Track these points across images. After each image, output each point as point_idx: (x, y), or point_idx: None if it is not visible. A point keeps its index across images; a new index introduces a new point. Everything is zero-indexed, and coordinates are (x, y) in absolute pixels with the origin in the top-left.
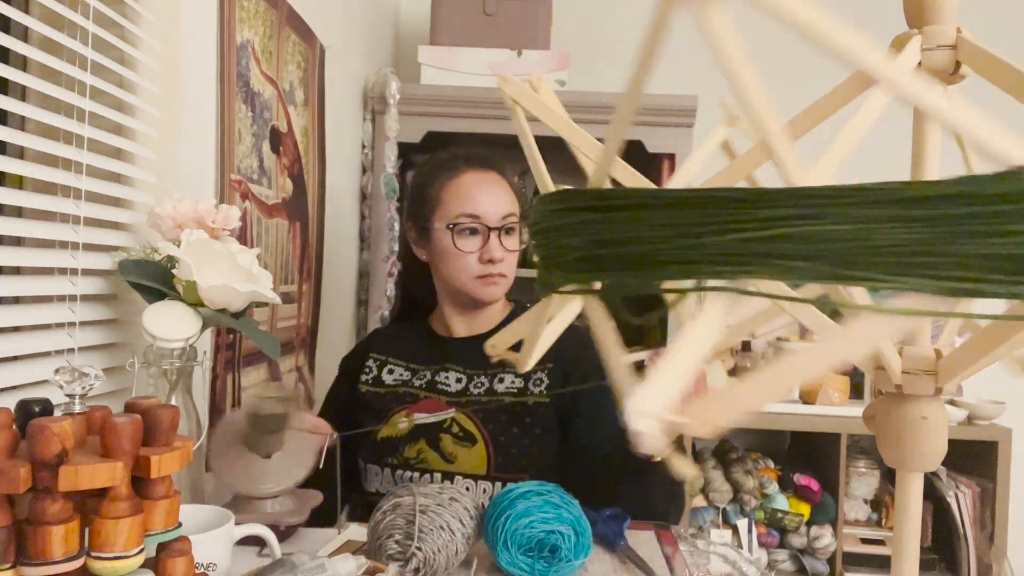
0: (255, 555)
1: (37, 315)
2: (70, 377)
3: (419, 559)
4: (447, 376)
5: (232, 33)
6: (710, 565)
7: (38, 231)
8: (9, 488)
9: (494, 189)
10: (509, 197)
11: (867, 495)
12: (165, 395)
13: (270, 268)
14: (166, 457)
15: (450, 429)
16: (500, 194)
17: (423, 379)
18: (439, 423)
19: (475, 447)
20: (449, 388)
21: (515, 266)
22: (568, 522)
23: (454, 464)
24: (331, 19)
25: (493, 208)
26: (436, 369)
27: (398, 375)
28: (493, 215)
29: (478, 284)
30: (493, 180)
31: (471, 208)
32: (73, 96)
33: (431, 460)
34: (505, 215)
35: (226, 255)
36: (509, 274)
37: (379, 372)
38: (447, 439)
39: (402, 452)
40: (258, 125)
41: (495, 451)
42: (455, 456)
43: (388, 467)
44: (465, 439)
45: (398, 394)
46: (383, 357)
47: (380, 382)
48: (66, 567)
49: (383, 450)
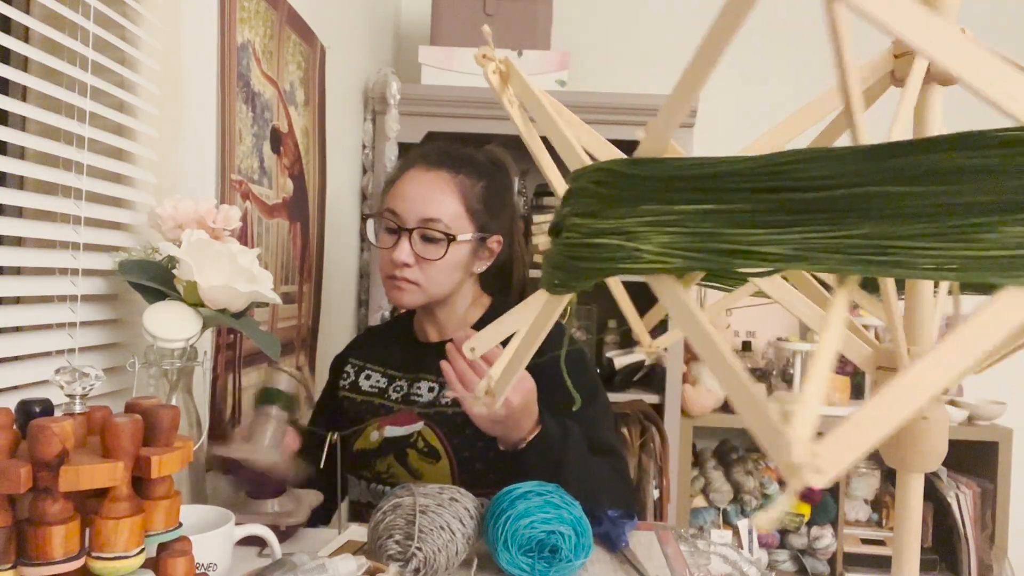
0: (255, 555)
1: (38, 315)
2: (71, 377)
3: (419, 559)
4: (420, 386)
5: (233, 33)
6: (711, 565)
7: (39, 231)
8: (10, 488)
9: (427, 189)
10: (445, 201)
11: (868, 495)
12: (165, 395)
13: (271, 268)
14: (167, 457)
15: (416, 444)
16: (432, 196)
17: (400, 391)
18: (406, 437)
19: (439, 463)
20: (421, 398)
21: (443, 277)
22: (568, 522)
23: (420, 480)
24: (332, 19)
25: (413, 208)
26: (412, 379)
27: (375, 381)
28: (411, 216)
29: (388, 285)
30: (431, 179)
31: (392, 203)
32: (74, 96)
33: (400, 475)
34: (426, 218)
35: (227, 255)
36: (424, 283)
37: (356, 377)
38: (413, 454)
39: (374, 466)
40: (259, 125)
41: (459, 467)
42: (421, 472)
43: (363, 479)
44: (429, 455)
45: (373, 404)
46: (361, 362)
47: (357, 387)
48: (67, 567)
49: (358, 462)
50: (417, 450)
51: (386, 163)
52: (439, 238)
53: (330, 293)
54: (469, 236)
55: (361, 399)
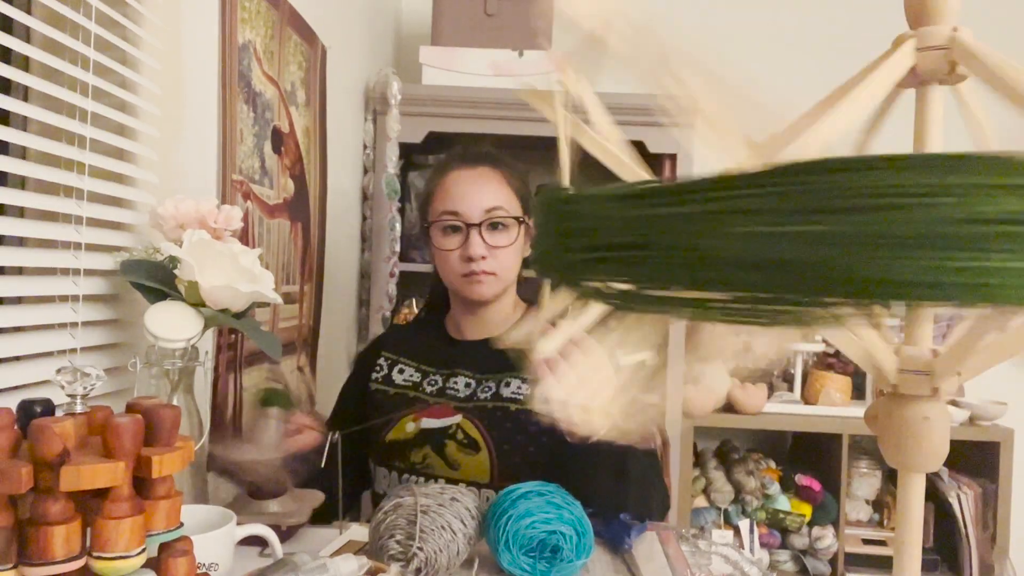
0: (257, 555)
1: (39, 315)
2: (72, 377)
3: (420, 559)
4: (456, 381)
5: (234, 33)
6: (712, 566)
7: (40, 231)
8: (11, 488)
9: (478, 183)
10: (498, 190)
11: (869, 495)
12: (167, 395)
13: (272, 268)
14: (168, 457)
15: (455, 435)
16: (486, 188)
17: (434, 385)
18: (445, 428)
19: (479, 455)
20: (458, 393)
21: (512, 262)
22: (569, 522)
23: (458, 471)
24: (332, 19)
25: (474, 203)
26: (447, 374)
27: (408, 375)
28: (474, 210)
29: (464, 283)
30: (479, 175)
31: (451, 205)
32: (75, 96)
33: (436, 466)
34: (489, 208)
35: (228, 255)
36: (499, 271)
37: (390, 371)
38: (452, 445)
39: (408, 456)
40: (260, 125)
41: (498, 459)
42: (459, 463)
43: (395, 470)
44: (469, 446)
45: (408, 397)
46: (394, 356)
47: (390, 381)
48: (68, 567)
49: (391, 453)
50: (456, 441)
51: (387, 163)
52: (508, 223)
53: (331, 293)
54: (525, 219)
55: (395, 392)
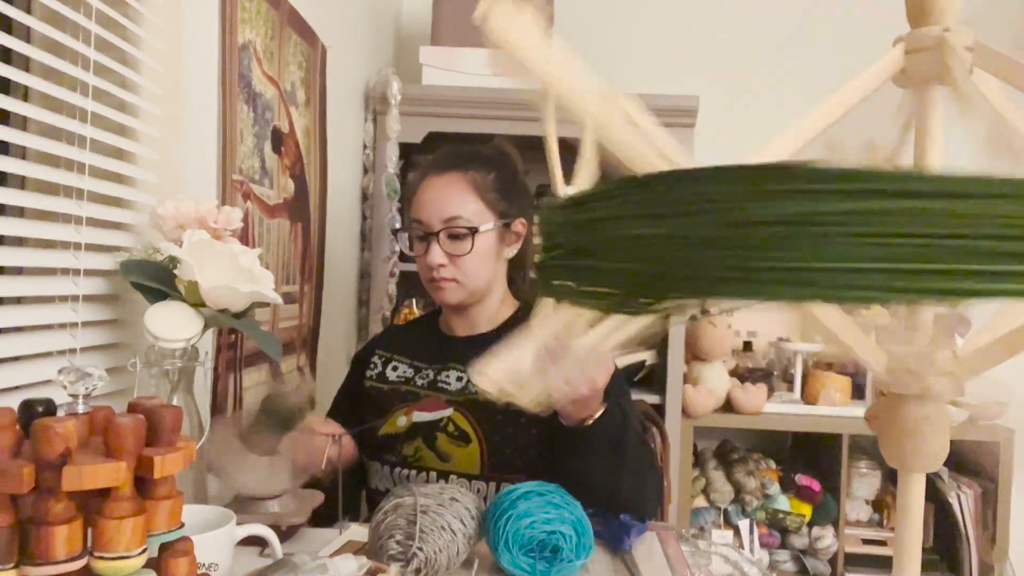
0: (257, 555)
1: (39, 315)
2: (74, 377)
3: (420, 559)
4: (448, 375)
5: (234, 34)
6: (711, 565)
7: (40, 231)
8: (13, 488)
9: (443, 192)
10: (462, 198)
11: (869, 496)
12: (167, 395)
13: (271, 268)
14: (169, 457)
15: (446, 428)
16: (449, 197)
17: (426, 378)
18: (436, 421)
19: (469, 446)
20: (449, 386)
21: (476, 267)
22: (569, 522)
23: (449, 463)
24: (332, 20)
25: (435, 212)
26: (439, 368)
27: (402, 372)
28: (434, 220)
29: (431, 288)
30: (446, 183)
31: (416, 212)
32: (75, 96)
33: (427, 459)
34: (447, 219)
35: (228, 255)
36: (461, 277)
37: (383, 368)
38: (443, 438)
39: (400, 449)
40: (260, 125)
41: (489, 451)
42: (450, 455)
43: (387, 464)
44: (460, 438)
45: (400, 392)
46: (388, 354)
47: (384, 378)
48: (69, 567)
49: (383, 447)
50: (447, 434)
51: (387, 163)
52: (463, 233)
53: (331, 293)
54: (491, 225)
55: (388, 388)
